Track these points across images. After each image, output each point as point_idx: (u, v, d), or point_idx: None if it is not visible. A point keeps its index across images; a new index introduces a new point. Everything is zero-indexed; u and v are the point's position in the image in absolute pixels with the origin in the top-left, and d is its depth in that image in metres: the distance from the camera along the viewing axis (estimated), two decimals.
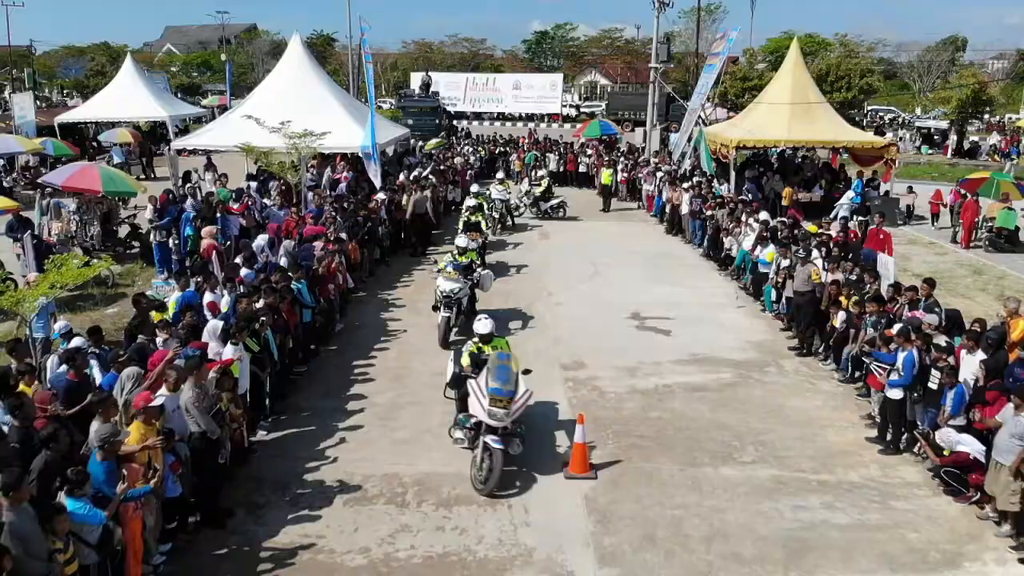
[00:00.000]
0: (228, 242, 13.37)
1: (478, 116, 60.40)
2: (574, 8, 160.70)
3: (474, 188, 20.55)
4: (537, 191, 23.00)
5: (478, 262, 13.50)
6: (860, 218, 19.31)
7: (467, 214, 17.24)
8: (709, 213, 18.42)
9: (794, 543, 7.17)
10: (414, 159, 26.30)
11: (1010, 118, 52.45)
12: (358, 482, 7.99)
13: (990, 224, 19.61)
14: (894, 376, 8.68)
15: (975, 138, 42.52)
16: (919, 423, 8.65)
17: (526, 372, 8.56)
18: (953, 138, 38.45)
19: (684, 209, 19.98)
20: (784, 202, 21.54)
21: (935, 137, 39.98)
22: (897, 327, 9.05)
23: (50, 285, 8.33)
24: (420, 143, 30.50)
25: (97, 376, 7.53)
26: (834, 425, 9.60)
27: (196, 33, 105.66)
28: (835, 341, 11.21)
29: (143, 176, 29.59)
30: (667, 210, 21.49)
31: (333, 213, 15.07)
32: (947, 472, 7.98)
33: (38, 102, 60.71)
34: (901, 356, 8.61)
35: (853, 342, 10.51)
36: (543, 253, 18.73)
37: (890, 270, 10.88)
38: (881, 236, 13.27)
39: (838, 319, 11.08)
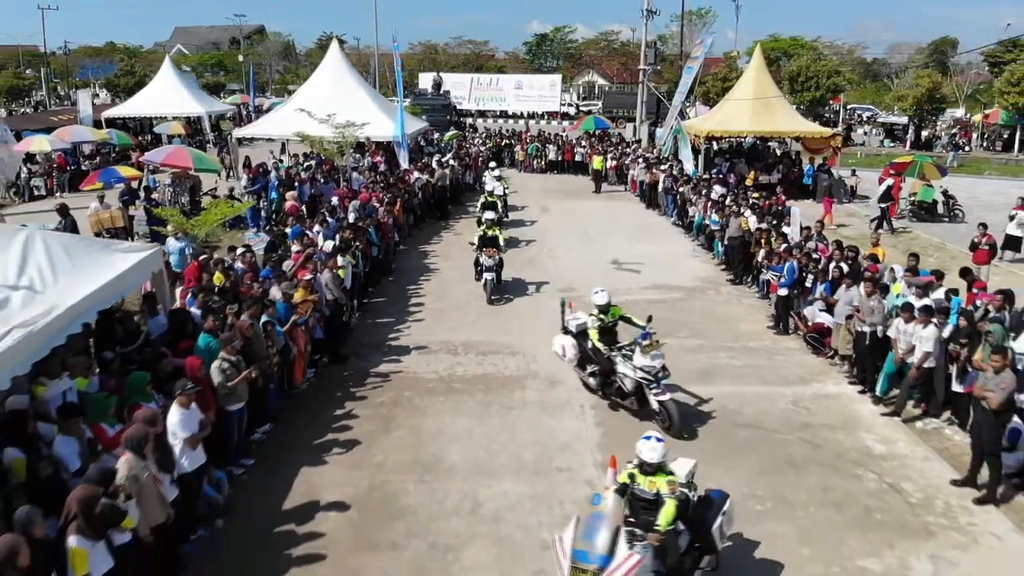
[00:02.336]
0: (303, 204, 17.52)
1: (482, 114, 64.60)
2: (573, 9, 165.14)
3: (488, 187, 21.37)
4: (504, 187, 21.95)
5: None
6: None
7: (484, 228, 15.83)
8: (680, 189, 22.61)
9: (703, 372, 11.33)
10: (432, 148, 30.53)
11: (984, 114, 56.64)
12: (425, 343, 12.21)
13: (913, 198, 23.79)
14: (783, 280, 12.85)
15: (942, 132, 46.78)
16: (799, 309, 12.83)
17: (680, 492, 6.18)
18: (912, 132, 42.73)
19: (660, 187, 24.16)
20: (748, 182, 25.72)
21: (896, 132, 44.26)
22: (783, 247, 13.25)
23: (215, 216, 12.53)
24: (436, 135, 34.76)
25: None
26: (747, 320, 13.81)
27: (206, 34, 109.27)
28: (757, 271, 15.39)
29: None
30: (645, 188, 25.69)
31: (381, 185, 19.25)
32: (811, 337, 12.16)
33: (58, 100, 64.72)
34: (786, 266, 12.79)
35: (767, 269, 14.66)
36: (544, 224, 22.84)
37: (796, 217, 15.03)
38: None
39: (760, 255, 15.24)
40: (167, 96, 40.80)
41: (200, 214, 15.28)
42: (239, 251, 11.79)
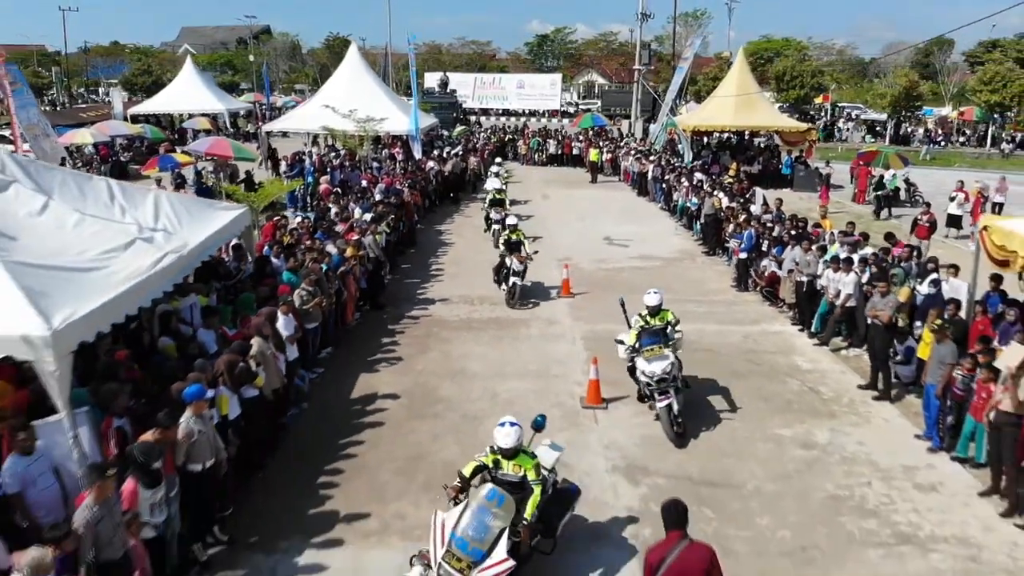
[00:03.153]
0: (336, 187, 20.16)
1: (485, 112, 67.20)
2: (573, 9, 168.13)
3: (491, 184, 22.67)
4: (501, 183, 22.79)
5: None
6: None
7: (507, 233, 15.40)
8: (666, 177, 25.24)
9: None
10: (442, 142, 33.21)
11: (959, 111, 59.25)
12: (447, 296, 14.86)
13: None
14: (743, 246, 15.47)
15: (930, 128, 49.51)
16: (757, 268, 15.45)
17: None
18: (891, 128, 45.39)
19: (649, 176, 26.79)
20: (731, 172, 28.31)
21: (877, 128, 46.93)
22: (743, 217, 15.87)
23: (272, 192, 15.17)
24: (444, 132, 37.48)
25: None
26: (714, 282, 16.44)
27: (212, 34, 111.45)
28: (726, 242, 17.99)
29: None
30: (637, 177, 28.32)
31: (400, 172, 21.89)
32: (766, 290, 14.75)
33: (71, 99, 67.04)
34: (745, 234, 15.40)
35: (731, 238, 17.25)
36: (544, 209, 25.41)
37: (759, 197, 17.64)
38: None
39: (729, 228, 17.85)
40: (189, 94, 43.46)
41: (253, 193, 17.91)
42: (298, 219, 14.42)
